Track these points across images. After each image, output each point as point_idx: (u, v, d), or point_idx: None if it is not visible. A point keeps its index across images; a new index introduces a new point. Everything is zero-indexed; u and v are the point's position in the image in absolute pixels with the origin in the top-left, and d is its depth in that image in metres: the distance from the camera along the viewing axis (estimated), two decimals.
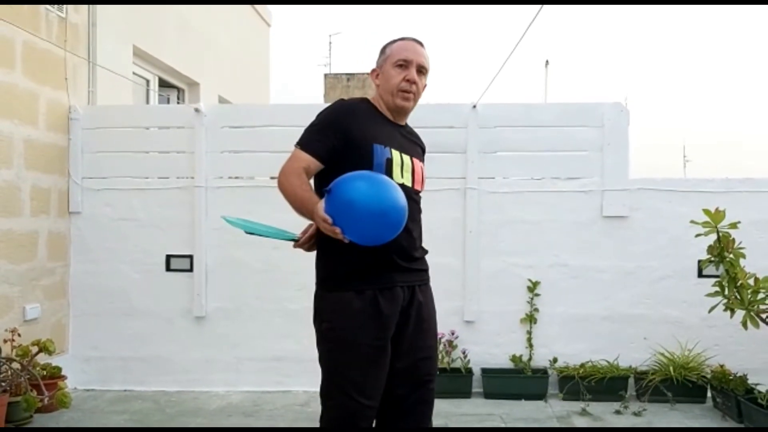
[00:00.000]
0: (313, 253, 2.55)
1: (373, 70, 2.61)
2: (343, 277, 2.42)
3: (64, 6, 5.04)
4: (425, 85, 2.60)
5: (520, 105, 5.11)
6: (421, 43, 2.59)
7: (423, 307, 2.52)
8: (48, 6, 4.85)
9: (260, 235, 2.44)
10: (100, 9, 5.52)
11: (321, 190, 2.37)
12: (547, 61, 13.56)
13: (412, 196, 2.48)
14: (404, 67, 2.50)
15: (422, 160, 2.67)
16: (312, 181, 2.47)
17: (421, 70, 2.54)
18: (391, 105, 2.52)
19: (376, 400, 2.43)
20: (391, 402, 2.50)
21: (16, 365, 4.21)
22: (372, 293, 2.39)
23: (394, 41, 2.58)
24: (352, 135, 2.41)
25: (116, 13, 5.80)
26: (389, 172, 2.40)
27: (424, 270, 2.59)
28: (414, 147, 2.62)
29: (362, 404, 2.39)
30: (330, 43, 26.32)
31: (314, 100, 16.69)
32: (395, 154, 2.46)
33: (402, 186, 2.39)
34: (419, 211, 2.56)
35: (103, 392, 5.00)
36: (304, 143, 2.43)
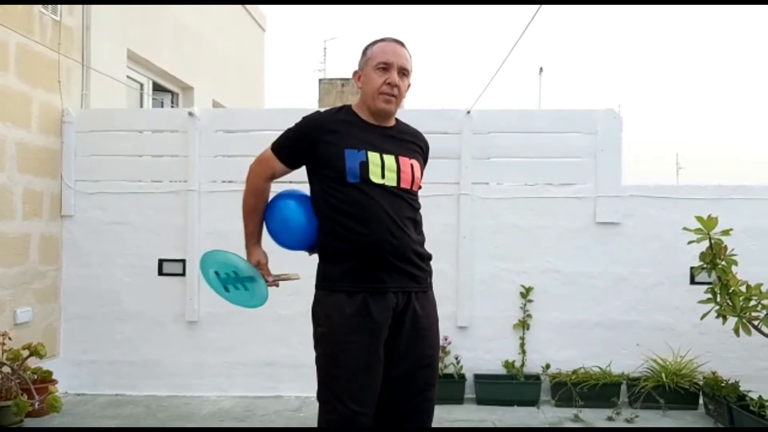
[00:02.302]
0: (305, 260, 2.64)
1: (355, 73, 2.62)
2: (336, 277, 2.45)
3: (59, 9, 5.03)
4: (409, 85, 2.60)
5: (514, 111, 5.12)
6: (401, 44, 2.57)
7: (421, 317, 2.49)
8: (42, 9, 4.84)
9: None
10: (95, 12, 5.51)
11: (325, 198, 2.48)
12: (541, 68, 13.64)
13: (398, 194, 2.47)
14: (385, 69, 2.49)
15: (419, 157, 2.63)
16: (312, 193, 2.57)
17: (403, 72, 2.52)
18: (373, 108, 2.53)
19: (369, 406, 2.42)
20: (389, 409, 2.50)
21: (6, 369, 4.19)
22: (362, 297, 2.41)
23: (375, 42, 2.57)
24: (320, 147, 2.48)
25: (111, 17, 5.79)
26: (365, 175, 2.43)
27: (423, 276, 2.54)
28: (404, 145, 2.58)
29: (353, 411, 2.38)
30: (325, 48, 26.21)
31: (309, 105, 16.63)
32: (372, 156, 2.45)
33: (381, 187, 2.44)
34: (411, 208, 2.52)
35: (94, 396, 4.97)
36: (276, 147, 2.59)
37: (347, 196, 2.41)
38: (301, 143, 2.52)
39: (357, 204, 2.41)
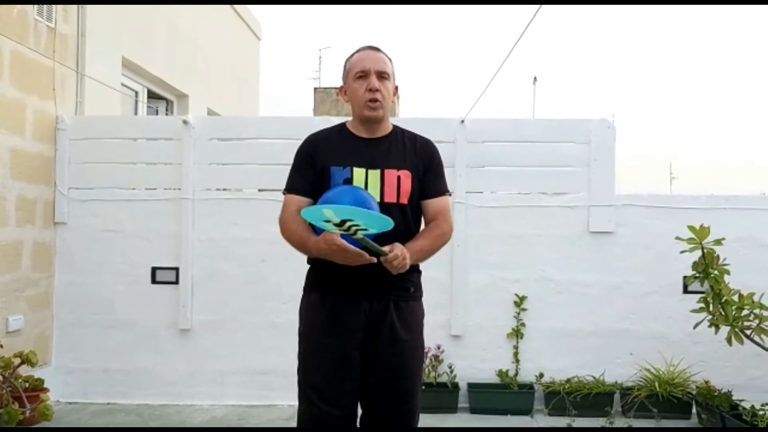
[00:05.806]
0: (298, 267, 2.65)
1: (341, 88, 2.65)
2: (313, 279, 2.55)
3: (53, 16, 5.03)
4: (396, 87, 2.63)
5: (508, 120, 5.14)
6: (377, 49, 2.60)
7: (399, 327, 2.48)
8: (37, 16, 4.84)
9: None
10: (90, 20, 5.51)
11: None
12: (535, 78, 13.63)
13: (382, 210, 2.39)
14: (364, 77, 2.52)
15: (416, 165, 2.56)
16: None
17: (383, 76, 2.54)
18: (362, 117, 2.55)
19: (342, 408, 2.45)
20: (373, 417, 2.52)
21: None
22: (334, 300, 2.46)
23: (352, 55, 2.61)
24: (317, 165, 2.52)
25: (105, 24, 5.79)
26: None
27: (405, 285, 2.53)
28: (396, 156, 2.54)
29: (323, 411, 2.42)
30: (320, 57, 26.25)
31: (303, 114, 16.67)
32: (358, 172, 2.46)
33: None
34: (396, 222, 2.43)
35: (86, 405, 4.94)
36: (288, 187, 2.59)
37: None
38: (305, 165, 2.56)
39: None
